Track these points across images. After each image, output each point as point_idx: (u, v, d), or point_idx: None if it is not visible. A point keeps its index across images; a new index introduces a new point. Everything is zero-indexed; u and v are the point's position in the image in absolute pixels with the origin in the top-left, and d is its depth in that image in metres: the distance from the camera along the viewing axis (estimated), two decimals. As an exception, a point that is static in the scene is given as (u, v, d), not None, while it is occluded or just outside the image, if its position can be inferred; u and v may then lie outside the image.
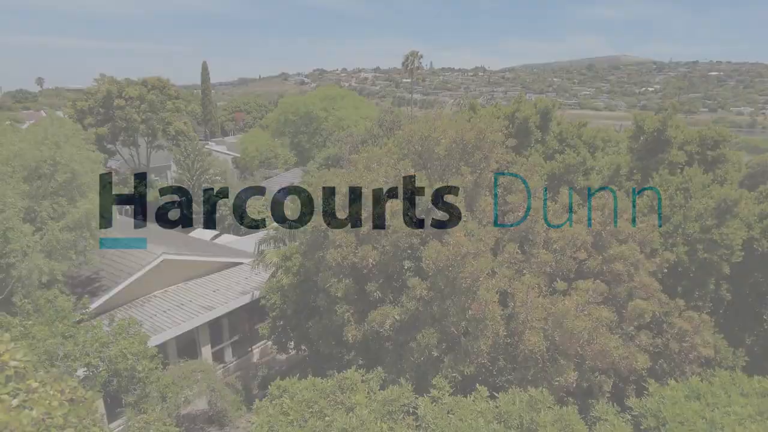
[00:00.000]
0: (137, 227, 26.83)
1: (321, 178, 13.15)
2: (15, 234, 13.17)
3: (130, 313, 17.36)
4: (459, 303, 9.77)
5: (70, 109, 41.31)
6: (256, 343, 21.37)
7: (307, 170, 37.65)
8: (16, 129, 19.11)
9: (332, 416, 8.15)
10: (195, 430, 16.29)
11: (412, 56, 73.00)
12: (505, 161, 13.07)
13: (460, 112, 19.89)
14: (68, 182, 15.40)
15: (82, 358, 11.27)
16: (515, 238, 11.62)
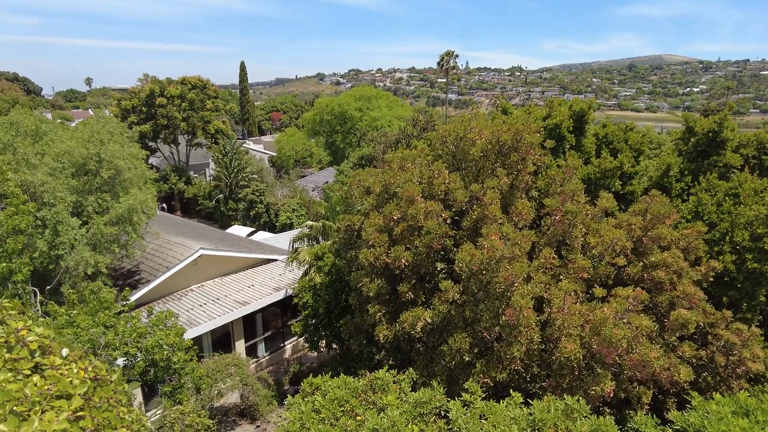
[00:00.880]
0: (176, 223, 27.63)
1: (355, 178, 13.19)
2: (64, 227, 13.75)
3: (168, 306, 17.89)
4: (492, 308, 9.61)
5: (115, 108, 42.90)
6: (289, 338, 21.66)
7: (341, 169, 37.89)
8: (66, 127, 19.94)
9: (364, 416, 8.14)
10: (227, 423, 16.62)
11: (447, 56, 72.51)
12: (542, 163, 12.80)
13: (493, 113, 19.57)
14: (112, 178, 15.99)
15: (121, 348, 11.66)
16: (552, 243, 11.35)
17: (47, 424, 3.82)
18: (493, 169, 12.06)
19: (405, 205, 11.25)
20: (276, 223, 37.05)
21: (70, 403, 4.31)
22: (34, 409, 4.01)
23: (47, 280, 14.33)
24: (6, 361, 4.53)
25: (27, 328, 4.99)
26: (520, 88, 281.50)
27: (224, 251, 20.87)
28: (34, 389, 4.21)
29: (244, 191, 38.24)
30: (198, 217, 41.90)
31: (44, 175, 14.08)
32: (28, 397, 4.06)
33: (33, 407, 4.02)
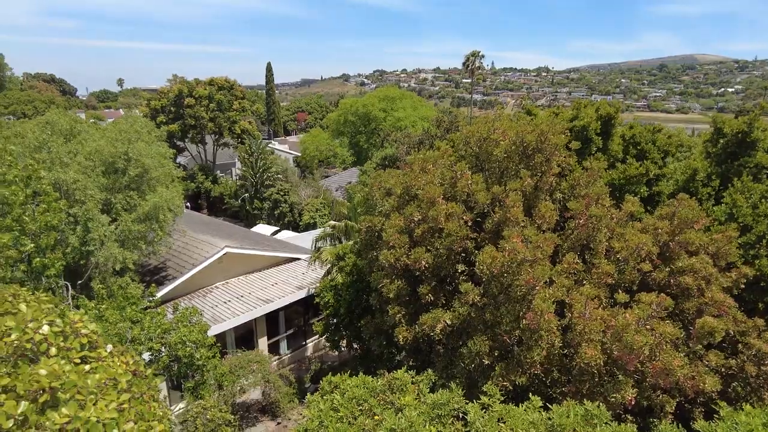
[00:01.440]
0: (203, 221, 28.17)
1: (377, 179, 13.24)
2: (94, 224, 14.19)
3: (194, 303, 18.26)
4: (513, 311, 9.53)
5: (145, 108, 43.97)
6: (310, 337, 21.86)
7: (364, 170, 38.03)
8: (98, 126, 20.55)
9: (381, 416, 8.19)
10: (249, 419, 16.88)
11: (473, 56, 72.02)
12: (567, 165, 12.63)
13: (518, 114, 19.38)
14: (140, 176, 16.41)
15: (147, 343, 11.97)
16: (575, 247, 11.19)
17: (100, 412, 4.07)
18: (517, 170, 11.96)
19: (426, 206, 11.25)
20: (299, 223, 37.44)
21: (119, 395, 4.59)
22: (90, 398, 4.29)
23: (78, 274, 14.80)
24: (60, 349, 4.86)
25: (82, 321, 5.31)
26: (547, 89, 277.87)
27: (249, 249, 21.19)
28: (94, 380, 4.50)
29: (269, 191, 38.74)
30: (224, 215, 42.60)
31: (76, 173, 14.54)
32: (87, 387, 4.35)
33: (89, 396, 4.31)
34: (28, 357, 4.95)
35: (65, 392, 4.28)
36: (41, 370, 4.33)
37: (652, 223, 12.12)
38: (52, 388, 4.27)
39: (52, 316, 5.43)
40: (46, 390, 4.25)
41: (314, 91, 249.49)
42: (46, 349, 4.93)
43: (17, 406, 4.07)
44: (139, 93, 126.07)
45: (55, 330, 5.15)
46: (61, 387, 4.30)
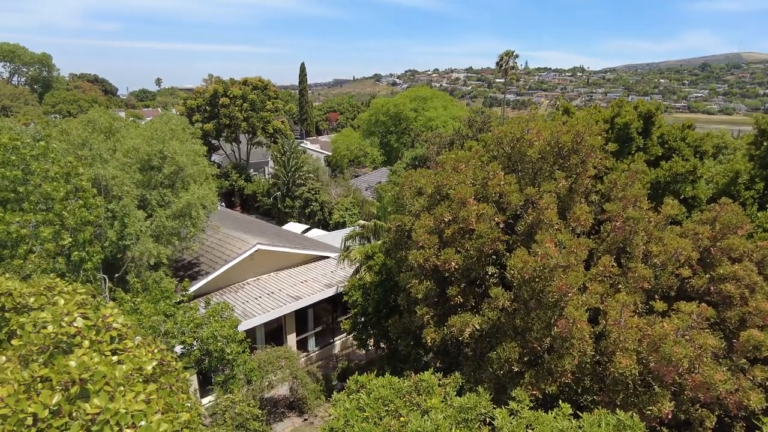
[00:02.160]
0: (236, 218, 28.68)
1: (407, 178, 13.17)
2: (131, 219, 14.61)
3: (225, 298, 18.58)
4: (544, 318, 9.30)
5: (181, 107, 45.06)
6: (338, 335, 21.96)
7: (394, 170, 37.99)
8: (136, 125, 21.16)
9: (407, 417, 8.12)
10: (276, 414, 17.06)
11: (507, 55, 71.09)
12: (603, 167, 12.27)
13: (554, 115, 18.96)
14: (174, 173, 16.81)
15: (179, 336, 12.23)
16: (611, 250, 10.85)
17: (129, 404, 4.18)
18: (551, 171, 11.69)
19: (456, 207, 11.11)
20: (329, 221, 37.69)
21: (147, 387, 4.72)
22: (119, 389, 4.42)
23: (116, 268, 15.27)
24: (92, 341, 5.04)
25: (113, 315, 5.49)
26: (582, 89, 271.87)
27: (279, 247, 21.43)
28: (121, 371, 4.65)
29: (301, 189, 39.14)
30: (256, 213, 43.27)
31: (115, 169, 15.00)
32: (115, 378, 4.49)
33: (118, 388, 4.44)
34: (62, 349, 5.12)
35: (94, 384, 4.40)
36: (71, 362, 4.47)
37: (692, 227, 11.66)
38: (81, 380, 4.40)
39: (84, 309, 5.61)
40: (76, 381, 4.38)
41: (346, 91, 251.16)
42: (80, 342, 5.09)
43: (52, 396, 4.21)
44: (176, 92, 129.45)
45: (88, 323, 5.32)
46: (90, 378, 4.42)
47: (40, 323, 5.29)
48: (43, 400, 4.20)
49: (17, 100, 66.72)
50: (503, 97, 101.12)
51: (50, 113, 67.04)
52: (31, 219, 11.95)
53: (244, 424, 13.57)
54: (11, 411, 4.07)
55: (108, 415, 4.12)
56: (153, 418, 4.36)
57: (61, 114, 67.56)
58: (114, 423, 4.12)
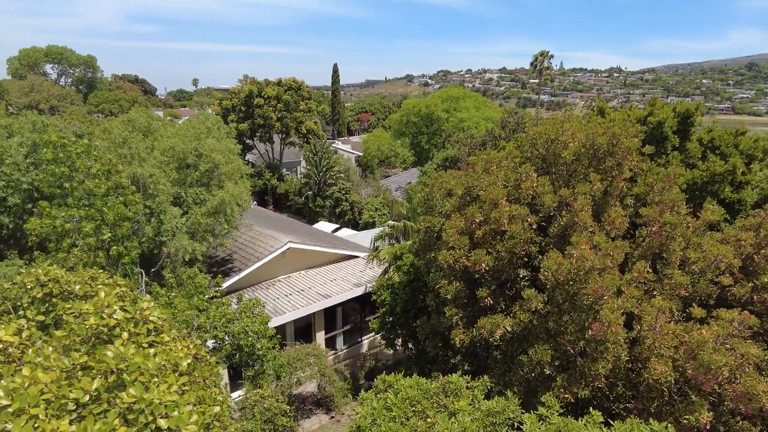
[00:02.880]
0: (268, 216, 29.16)
1: (438, 179, 13.12)
2: (167, 216, 15.05)
3: (257, 294, 18.91)
4: (578, 321, 9.11)
5: (217, 107, 46.08)
6: (366, 334, 22.05)
7: (425, 170, 37.88)
8: (173, 124, 21.76)
9: (434, 418, 8.09)
10: (304, 410, 17.25)
11: (541, 56, 69.93)
12: (639, 170, 11.94)
13: (589, 116, 18.55)
14: (210, 171, 17.22)
15: (211, 331, 12.51)
16: (647, 255, 10.55)
17: (162, 394, 4.34)
18: (586, 174, 11.45)
19: (488, 207, 11.01)
20: (359, 221, 37.89)
21: (179, 379, 4.88)
22: (153, 380, 4.60)
23: (152, 263, 15.74)
24: (131, 334, 5.27)
25: (150, 309, 5.72)
26: (619, 90, 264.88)
27: (310, 245, 21.68)
28: (154, 362, 4.84)
29: (331, 189, 39.48)
30: (288, 212, 43.88)
31: (152, 167, 15.47)
32: (149, 370, 4.67)
33: (152, 379, 4.61)
34: (102, 340, 5.34)
35: (130, 374, 4.57)
36: (108, 352, 4.66)
37: (734, 234, 11.22)
38: (118, 369, 4.58)
39: (123, 302, 5.84)
40: (113, 371, 4.57)
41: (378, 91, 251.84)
42: (119, 333, 5.31)
43: (92, 384, 4.40)
44: (212, 92, 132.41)
45: (127, 316, 5.53)
46: (126, 368, 4.59)
47: (82, 314, 5.53)
48: (84, 386, 4.39)
49: (64, 100, 69.58)
50: (537, 98, 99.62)
51: (94, 113, 69.69)
52: (75, 214, 12.45)
53: (272, 419, 13.79)
54: (54, 396, 4.27)
55: (143, 405, 4.27)
56: (185, 409, 4.49)
57: (104, 113, 70.14)
58: (148, 412, 4.27)
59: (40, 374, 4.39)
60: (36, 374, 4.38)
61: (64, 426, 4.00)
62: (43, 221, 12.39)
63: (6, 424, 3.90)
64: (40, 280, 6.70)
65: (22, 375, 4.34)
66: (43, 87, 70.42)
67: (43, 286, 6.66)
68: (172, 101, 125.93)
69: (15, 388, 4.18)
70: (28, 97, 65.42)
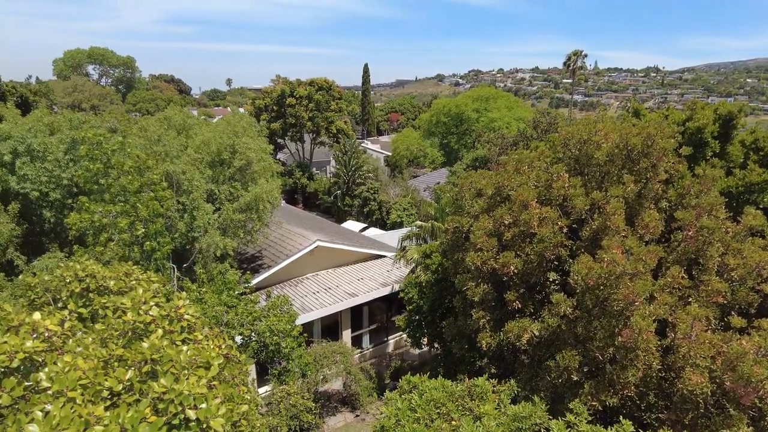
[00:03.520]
0: (298, 215, 29.50)
1: (467, 179, 13.01)
2: (200, 212, 15.39)
3: (285, 291, 19.15)
4: (608, 327, 8.89)
5: (250, 107, 46.86)
6: (392, 334, 22.06)
7: (454, 170, 37.63)
8: (208, 123, 22.26)
9: (459, 422, 8.03)
10: (329, 408, 17.38)
11: (575, 55, 68.63)
12: (676, 172, 11.56)
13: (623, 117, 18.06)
14: (243, 168, 17.54)
15: (238, 328, 12.73)
16: (682, 261, 10.21)
17: (192, 386, 4.46)
18: (620, 175, 11.16)
19: (518, 209, 10.86)
20: (387, 221, 37.92)
21: (208, 373, 5.02)
22: (183, 372, 4.74)
23: (184, 258, 16.13)
24: (165, 330, 5.44)
25: (185, 307, 5.90)
26: (655, 90, 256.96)
27: (338, 244, 21.82)
28: (186, 356, 4.99)
29: (360, 188, 39.66)
30: (317, 210, 44.28)
31: (185, 164, 15.85)
32: (180, 362, 4.81)
33: (182, 371, 4.75)
34: (138, 335, 5.53)
35: (163, 365, 4.72)
36: (144, 343, 4.82)
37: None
38: (152, 360, 4.73)
39: (158, 298, 6.02)
40: (148, 361, 4.72)
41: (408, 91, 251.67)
42: (154, 329, 5.48)
43: (126, 374, 4.57)
44: (245, 92, 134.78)
45: (162, 313, 5.71)
46: (159, 359, 4.74)
47: (119, 309, 5.74)
48: (118, 375, 4.56)
49: (104, 100, 72.06)
50: (570, 98, 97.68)
51: (131, 111, 71.94)
52: (111, 210, 12.88)
53: (297, 416, 13.94)
54: (90, 383, 4.45)
55: (172, 395, 4.40)
56: (213, 402, 4.60)
57: (141, 112, 72.29)
58: (178, 403, 4.39)
59: (80, 362, 4.60)
60: (76, 361, 4.59)
61: (99, 411, 4.17)
62: (82, 216, 12.87)
63: (46, 405, 4.07)
64: (78, 275, 6.98)
65: (63, 360, 4.56)
66: (85, 87, 73.13)
67: (81, 281, 6.93)
68: (206, 101, 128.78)
69: (56, 373, 4.39)
70: (71, 96, 68.00)
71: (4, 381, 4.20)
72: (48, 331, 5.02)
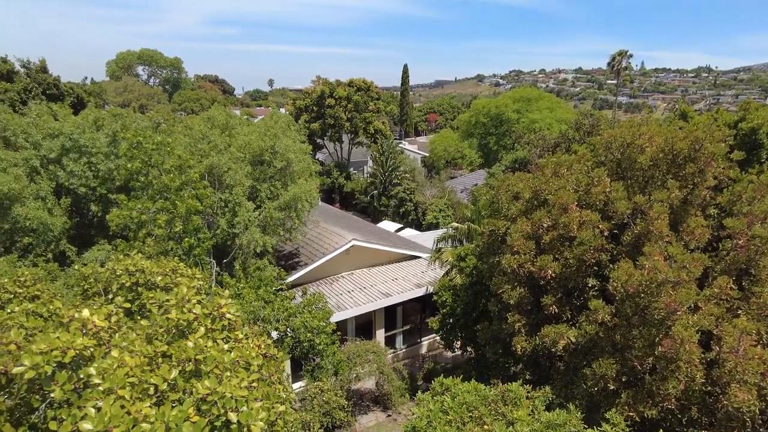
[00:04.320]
0: (335, 214, 29.85)
1: (504, 182, 12.87)
2: (241, 210, 15.81)
3: (320, 289, 19.42)
4: (648, 336, 8.61)
5: (291, 107, 47.67)
6: (425, 335, 22.02)
7: (492, 172, 37.17)
8: (249, 122, 22.82)
9: (491, 426, 7.97)
10: (361, 407, 17.51)
11: (620, 55, 66.53)
12: (726, 177, 11.08)
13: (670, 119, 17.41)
14: (284, 168, 17.92)
15: (274, 323, 13.01)
16: (731, 271, 9.78)
17: (234, 389, 4.59)
18: (664, 180, 10.79)
19: (557, 212, 10.66)
20: (422, 222, 37.84)
21: (249, 375, 5.16)
22: (226, 374, 4.89)
23: (225, 254, 16.60)
24: (207, 329, 5.64)
25: (227, 306, 6.09)
26: (707, 92, 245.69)
27: (374, 244, 21.95)
28: (229, 357, 5.15)
29: (396, 189, 39.74)
30: (354, 210, 44.65)
31: (229, 161, 16.32)
32: (224, 363, 4.97)
33: (225, 373, 4.91)
34: (181, 332, 5.72)
35: (206, 366, 4.86)
36: (189, 342, 4.97)
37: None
38: (196, 360, 4.88)
39: (200, 296, 6.22)
40: (191, 360, 4.87)
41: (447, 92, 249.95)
42: (197, 328, 5.65)
43: (170, 372, 4.72)
44: (286, 93, 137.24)
45: (205, 311, 5.89)
46: (203, 360, 4.89)
47: (164, 305, 5.96)
48: (163, 374, 4.72)
49: (152, 99, 75.00)
50: (614, 100, 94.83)
51: (177, 110, 74.50)
52: (150, 206, 13.41)
53: (330, 413, 14.13)
54: (137, 380, 4.62)
55: (216, 397, 4.50)
56: (253, 405, 4.69)
57: (186, 111, 74.75)
58: (221, 405, 4.50)
59: (127, 358, 4.78)
60: (123, 357, 4.77)
61: (146, 409, 4.30)
62: (121, 212, 13.45)
63: (97, 401, 4.26)
64: (128, 269, 7.32)
65: (111, 357, 4.74)
66: (135, 87, 76.30)
67: (131, 276, 7.27)
68: (248, 101, 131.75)
69: (105, 369, 4.57)
70: (122, 96, 71.05)
71: (57, 375, 4.36)
72: (95, 326, 5.22)
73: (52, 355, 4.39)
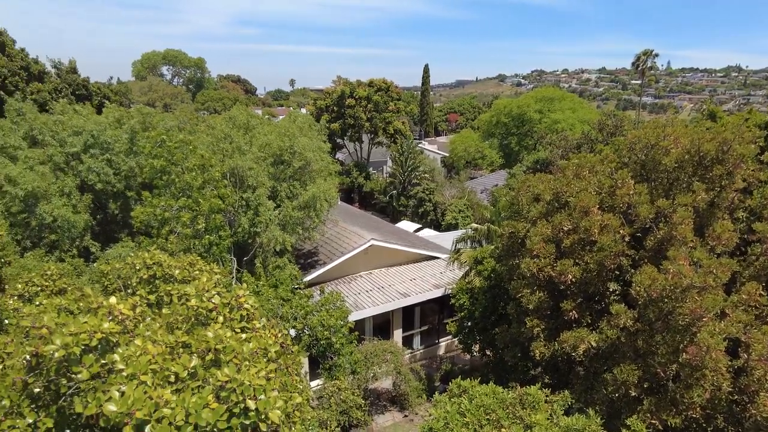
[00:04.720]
0: (354, 213, 29.94)
1: (524, 183, 12.72)
2: (263, 209, 15.97)
3: (339, 288, 19.50)
4: (671, 342, 8.42)
5: (311, 107, 47.95)
6: (443, 336, 21.92)
7: (513, 173, 36.82)
8: (270, 122, 23.02)
9: (509, 429, 7.90)
10: (378, 406, 17.51)
11: (644, 55, 65.30)
12: (756, 180, 10.76)
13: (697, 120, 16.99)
14: (302, 168, 18.04)
15: (292, 321, 13.10)
16: (759, 276, 9.50)
17: (252, 378, 4.70)
18: (690, 183, 10.55)
19: (578, 215, 10.50)
20: (441, 222, 37.69)
21: (268, 365, 5.24)
22: (245, 363, 4.99)
23: (245, 251, 16.79)
24: (226, 318, 5.76)
25: (245, 297, 6.22)
26: (736, 91, 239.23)
27: (392, 244, 21.93)
28: (248, 347, 5.25)
29: (415, 189, 39.66)
30: (373, 210, 44.70)
31: (251, 161, 16.50)
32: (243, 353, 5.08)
33: (244, 362, 5.00)
34: (200, 321, 5.83)
35: (226, 355, 4.97)
36: (209, 332, 5.09)
37: None
38: (216, 350, 4.99)
39: (219, 288, 6.34)
40: (211, 350, 4.98)
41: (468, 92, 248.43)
42: (215, 317, 5.77)
43: (191, 361, 4.85)
44: (307, 93, 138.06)
45: (224, 301, 6.01)
46: (223, 350, 4.99)
47: (184, 296, 6.09)
48: (184, 362, 4.86)
49: (176, 99, 76.24)
50: (639, 100, 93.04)
51: (200, 110, 75.66)
52: (173, 204, 13.63)
53: (347, 411, 14.17)
54: (159, 367, 4.77)
55: (234, 385, 4.62)
56: (271, 394, 4.78)
57: (209, 110, 75.87)
58: (239, 392, 4.60)
59: (149, 346, 4.94)
60: (146, 346, 4.93)
61: (167, 395, 4.48)
62: (145, 209, 13.70)
63: (121, 386, 4.42)
64: (146, 263, 7.47)
65: (135, 345, 4.92)
66: (159, 87, 77.65)
67: (149, 269, 7.42)
68: (270, 100, 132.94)
69: (129, 356, 4.78)
70: (147, 96, 72.40)
71: (84, 357, 4.60)
72: (122, 314, 5.41)
73: (80, 337, 4.63)
